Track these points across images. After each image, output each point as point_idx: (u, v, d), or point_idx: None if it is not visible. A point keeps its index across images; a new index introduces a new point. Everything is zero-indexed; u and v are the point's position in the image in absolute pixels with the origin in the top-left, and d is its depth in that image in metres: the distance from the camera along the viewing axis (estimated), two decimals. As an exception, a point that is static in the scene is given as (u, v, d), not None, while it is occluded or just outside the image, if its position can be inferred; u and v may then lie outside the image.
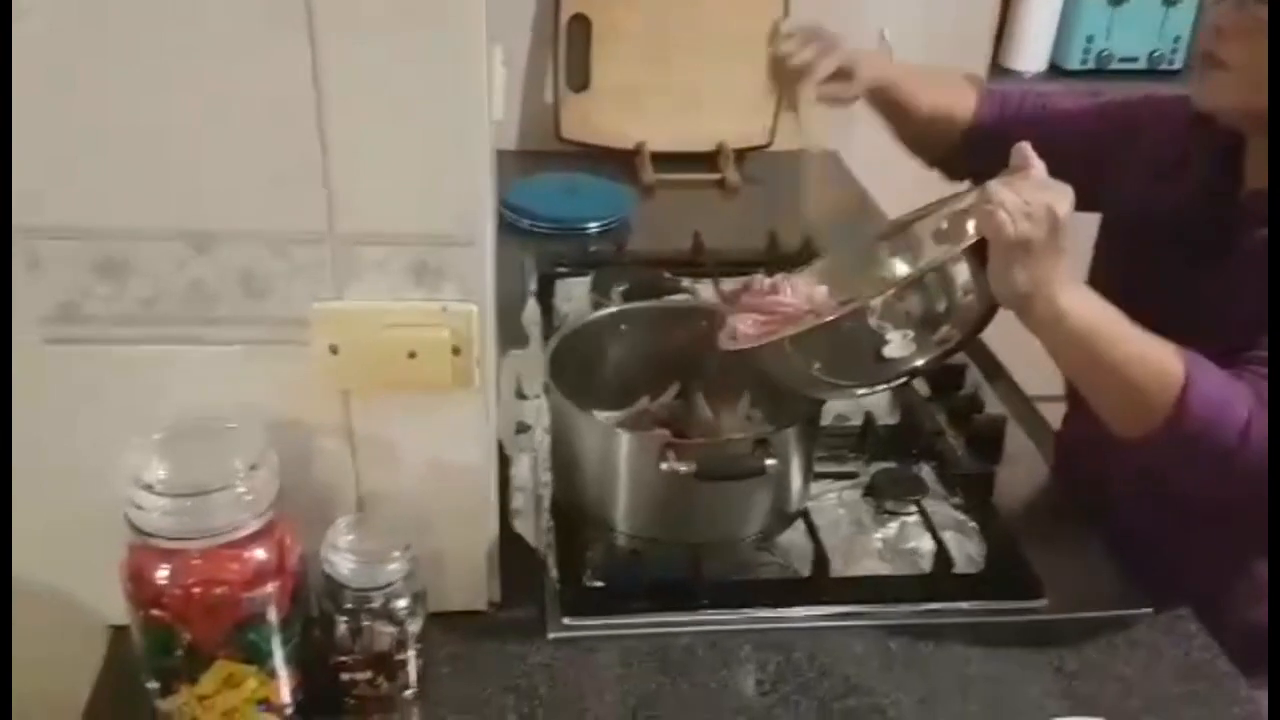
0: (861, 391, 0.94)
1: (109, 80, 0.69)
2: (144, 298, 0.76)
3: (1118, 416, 0.88)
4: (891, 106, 1.18)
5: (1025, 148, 0.84)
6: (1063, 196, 0.81)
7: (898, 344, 0.83)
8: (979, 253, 0.82)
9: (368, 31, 0.69)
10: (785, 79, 1.08)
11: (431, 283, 0.77)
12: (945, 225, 0.93)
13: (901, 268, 0.97)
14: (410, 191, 0.74)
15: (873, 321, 0.82)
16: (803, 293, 0.93)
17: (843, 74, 1.09)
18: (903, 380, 0.90)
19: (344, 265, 0.76)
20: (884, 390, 0.94)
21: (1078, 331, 0.83)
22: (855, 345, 0.84)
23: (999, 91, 1.23)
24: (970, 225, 0.82)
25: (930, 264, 0.86)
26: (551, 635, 0.91)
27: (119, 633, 0.84)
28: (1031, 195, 0.80)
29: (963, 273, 0.83)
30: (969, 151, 1.18)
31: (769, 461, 0.88)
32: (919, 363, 0.86)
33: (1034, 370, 1.09)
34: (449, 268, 0.77)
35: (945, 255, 0.84)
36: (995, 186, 0.81)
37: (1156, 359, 0.84)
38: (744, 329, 0.93)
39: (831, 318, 0.86)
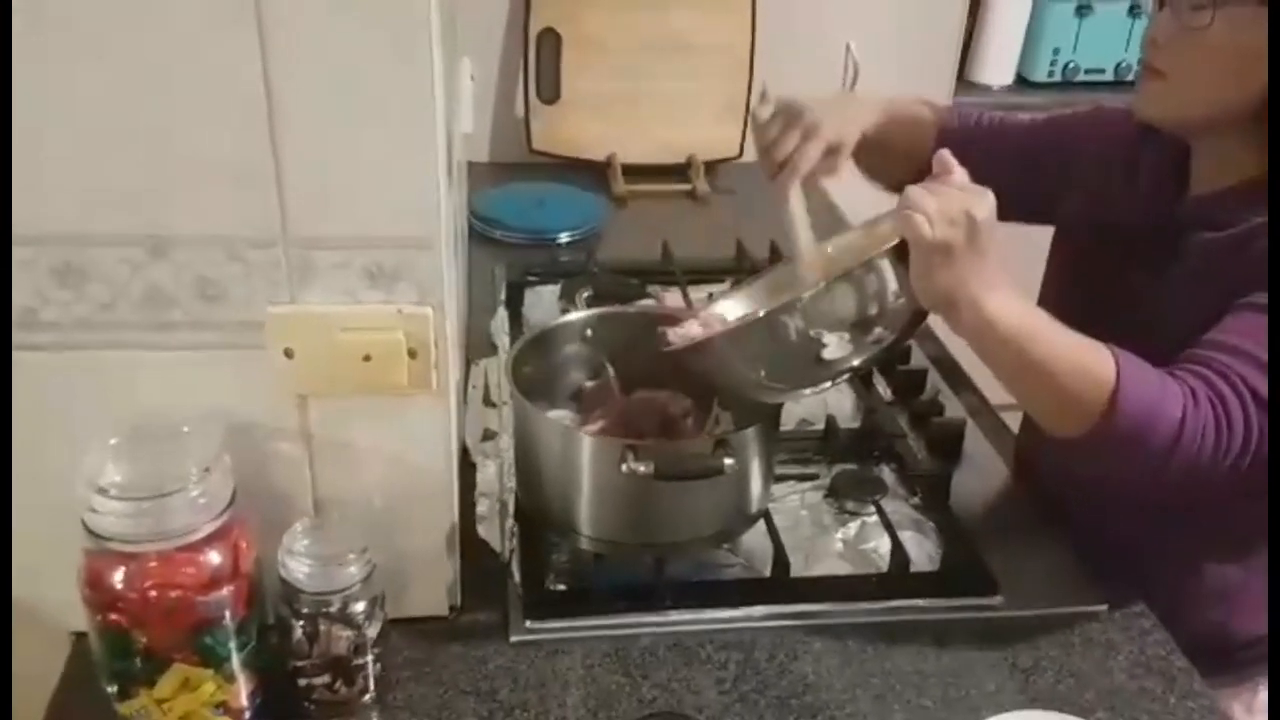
0: (808, 392, 0.96)
1: (60, 85, 0.70)
2: (101, 303, 0.77)
3: (1050, 418, 0.87)
4: (868, 151, 1.13)
5: (945, 154, 0.85)
6: (982, 200, 0.81)
7: (835, 346, 0.85)
8: (904, 257, 0.83)
9: (317, 32, 0.70)
10: (770, 167, 1.03)
11: (387, 286, 0.78)
12: (876, 232, 0.95)
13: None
14: (364, 194, 0.75)
15: (811, 331, 0.84)
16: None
17: (830, 152, 1.04)
18: (845, 378, 0.92)
19: (299, 269, 0.77)
20: (828, 389, 0.96)
21: (1004, 334, 0.83)
22: (796, 350, 0.86)
23: (955, 112, 1.23)
24: (892, 229, 0.84)
25: (852, 265, 0.88)
26: (514, 638, 0.92)
27: (81, 639, 0.84)
28: (950, 200, 0.81)
29: (891, 277, 0.85)
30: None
31: (728, 461, 0.89)
32: (856, 362, 0.88)
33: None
34: (405, 271, 0.78)
35: (866, 257, 0.86)
36: (914, 191, 0.81)
37: (1086, 360, 0.83)
38: (688, 333, 0.95)
39: (763, 313, 0.88)
